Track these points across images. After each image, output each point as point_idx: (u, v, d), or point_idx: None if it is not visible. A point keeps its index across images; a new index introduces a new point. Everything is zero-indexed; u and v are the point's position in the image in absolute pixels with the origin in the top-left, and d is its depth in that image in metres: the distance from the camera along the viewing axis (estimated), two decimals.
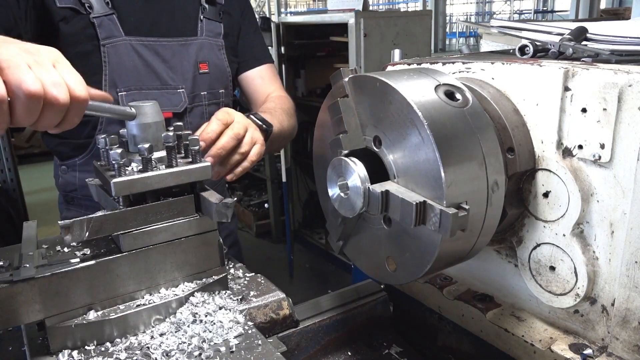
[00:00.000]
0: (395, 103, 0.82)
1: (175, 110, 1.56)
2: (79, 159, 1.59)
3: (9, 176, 3.96)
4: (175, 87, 1.56)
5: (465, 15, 30.59)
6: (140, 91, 1.51)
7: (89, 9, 1.43)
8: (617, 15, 7.31)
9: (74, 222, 0.89)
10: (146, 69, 1.51)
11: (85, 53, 1.44)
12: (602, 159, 0.85)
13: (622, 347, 0.89)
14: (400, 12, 7.30)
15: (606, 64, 0.90)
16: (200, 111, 1.64)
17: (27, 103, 0.81)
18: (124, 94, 1.48)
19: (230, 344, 0.92)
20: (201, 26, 1.63)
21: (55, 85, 0.83)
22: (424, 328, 1.24)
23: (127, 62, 1.48)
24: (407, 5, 30.10)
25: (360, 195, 0.86)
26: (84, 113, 0.91)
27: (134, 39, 1.49)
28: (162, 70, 1.53)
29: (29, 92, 0.80)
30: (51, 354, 0.91)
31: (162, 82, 1.54)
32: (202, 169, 1.02)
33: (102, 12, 1.44)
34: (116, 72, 1.47)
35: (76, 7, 1.42)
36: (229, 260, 1.23)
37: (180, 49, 1.57)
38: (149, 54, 1.51)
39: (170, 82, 1.55)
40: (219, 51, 1.67)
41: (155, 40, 1.52)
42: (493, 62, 1.00)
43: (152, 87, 1.53)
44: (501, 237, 1.03)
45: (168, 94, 1.55)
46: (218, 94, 1.68)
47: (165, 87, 1.55)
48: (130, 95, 1.49)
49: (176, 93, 1.56)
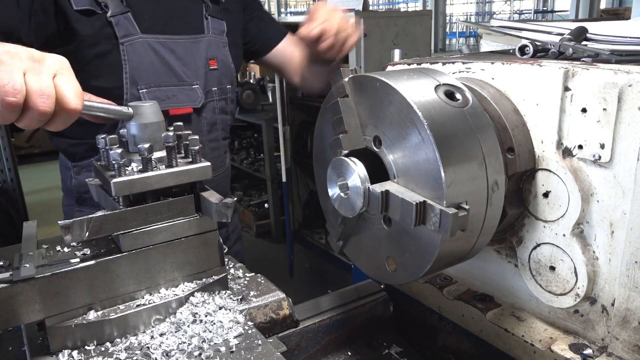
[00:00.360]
0: (395, 103, 0.82)
1: (194, 106, 1.60)
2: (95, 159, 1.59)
3: (9, 176, 3.96)
4: (191, 83, 1.59)
5: (465, 15, 30.60)
6: (160, 88, 1.53)
7: (105, 7, 1.45)
8: (617, 15, 7.31)
9: (74, 222, 0.89)
10: (163, 67, 1.54)
11: (104, 53, 1.46)
12: (602, 159, 0.85)
13: (622, 347, 0.89)
14: (400, 12, 7.30)
15: (606, 64, 0.90)
16: (212, 107, 1.69)
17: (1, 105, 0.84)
18: (144, 91, 1.50)
19: (230, 344, 0.92)
20: (207, 24, 1.66)
21: (41, 94, 0.86)
22: (424, 328, 1.24)
23: (146, 60, 1.50)
24: (407, 5, 30.10)
25: (360, 195, 0.86)
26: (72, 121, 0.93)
27: (150, 37, 1.51)
28: (177, 67, 1.56)
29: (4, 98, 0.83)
30: (51, 354, 0.91)
31: (178, 78, 1.57)
32: (202, 169, 1.02)
33: (118, 11, 1.47)
34: (136, 70, 1.49)
35: (92, 7, 1.44)
36: (229, 260, 1.23)
37: (191, 46, 1.60)
38: (165, 51, 1.54)
39: (186, 78, 1.58)
40: (224, 48, 1.71)
41: (169, 37, 1.55)
42: (493, 62, 1.00)
43: (170, 84, 1.55)
44: (501, 237, 1.03)
45: (186, 90, 1.58)
46: (226, 89, 1.72)
47: (182, 83, 1.58)
48: (151, 92, 1.51)
49: (192, 89, 1.60)
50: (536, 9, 27.66)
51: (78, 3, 1.42)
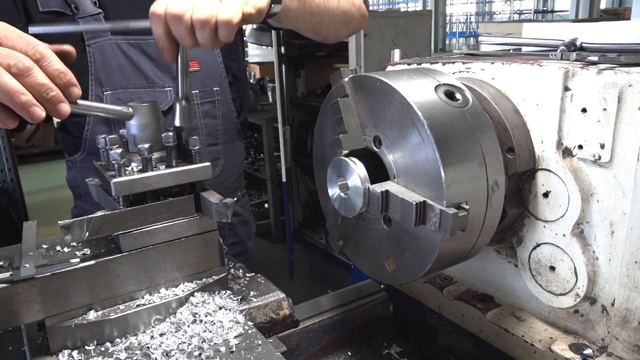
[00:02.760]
0: (395, 103, 0.82)
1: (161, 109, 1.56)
2: (78, 155, 1.60)
3: (9, 176, 3.96)
4: (163, 85, 1.55)
5: (465, 15, 30.60)
6: (126, 90, 1.50)
7: (75, 9, 1.42)
8: (617, 15, 7.31)
9: (74, 222, 0.89)
10: (132, 68, 1.50)
11: None
12: (602, 159, 0.85)
13: (622, 347, 0.89)
14: (400, 12, 7.30)
15: (606, 64, 0.90)
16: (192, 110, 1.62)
17: None
18: (109, 93, 1.48)
19: (230, 344, 0.92)
20: None
21: None
22: (424, 328, 1.24)
23: (113, 61, 1.47)
24: (407, 5, 30.12)
25: (360, 195, 0.86)
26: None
27: (120, 38, 1.48)
28: (148, 69, 1.52)
29: None
30: (51, 354, 0.91)
31: (148, 80, 1.53)
32: (202, 169, 1.02)
33: (89, 12, 1.43)
34: (102, 72, 1.46)
35: (61, 9, 1.40)
36: (229, 260, 1.23)
37: None
38: (135, 53, 1.50)
39: (157, 80, 1.54)
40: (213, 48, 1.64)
41: (141, 38, 1.51)
42: (493, 62, 1.00)
43: (138, 86, 1.52)
44: (501, 237, 1.03)
45: (154, 92, 1.54)
46: (212, 92, 1.63)
47: (151, 85, 1.53)
48: (115, 94, 1.48)
49: (163, 91, 1.55)
50: (536, 9, 27.67)
51: (44, 4, 1.38)
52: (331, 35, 1.64)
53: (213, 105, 1.64)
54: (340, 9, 1.52)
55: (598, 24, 1.18)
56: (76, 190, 1.66)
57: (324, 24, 1.51)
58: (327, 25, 1.52)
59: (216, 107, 1.64)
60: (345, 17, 1.57)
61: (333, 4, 1.49)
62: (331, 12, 1.48)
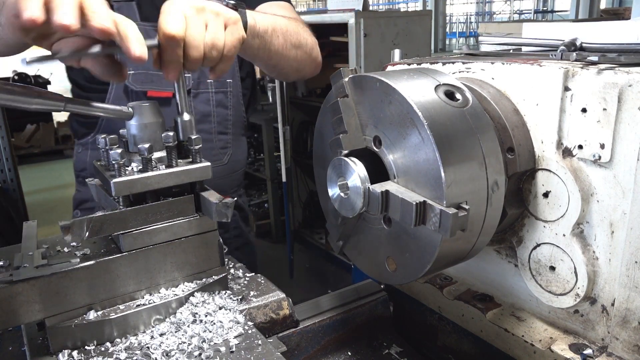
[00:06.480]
0: (395, 103, 0.82)
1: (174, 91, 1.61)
2: (91, 137, 1.69)
3: (9, 176, 3.97)
4: None
5: (465, 15, 30.60)
6: (147, 72, 1.59)
7: None
8: (617, 15, 7.31)
9: (74, 222, 0.89)
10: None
11: None
12: (602, 159, 0.85)
13: (622, 347, 0.89)
14: (400, 12, 7.30)
15: (606, 64, 0.90)
16: (206, 97, 1.70)
17: None
18: (132, 72, 1.58)
19: (230, 344, 0.92)
20: None
21: None
22: (424, 328, 1.24)
23: None
24: (407, 5, 30.12)
25: (360, 195, 0.86)
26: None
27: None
28: None
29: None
30: (51, 354, 0.91)
31: None
32: (202, 169, 1.02)
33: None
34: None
35: None
36: (229, 260, 1.23)
37: None
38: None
39: None
40: None
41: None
42: (493, 62, 1.00)
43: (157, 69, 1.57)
44: (501, 237, 1.03)
45: None
46: (225, 83, 1.73)
47: None
48: (137, 75, 1.58)
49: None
50: (536, 9, 27.67)
51: None
52: (282, 77, 1.88)
53: (225, 95, 1.75)
54: (296, 60, 1.65)
55: (598, 24, 1.18)
56: (81, 174, 1.74)
57: (278, 67, 1.63)
58: (280, 69, 1.64)
59: (228, 98, 1.75)
60: (299, 65, 1.71)
61: (291, 54, 1.60)
62: (288, 59, 1.59)
